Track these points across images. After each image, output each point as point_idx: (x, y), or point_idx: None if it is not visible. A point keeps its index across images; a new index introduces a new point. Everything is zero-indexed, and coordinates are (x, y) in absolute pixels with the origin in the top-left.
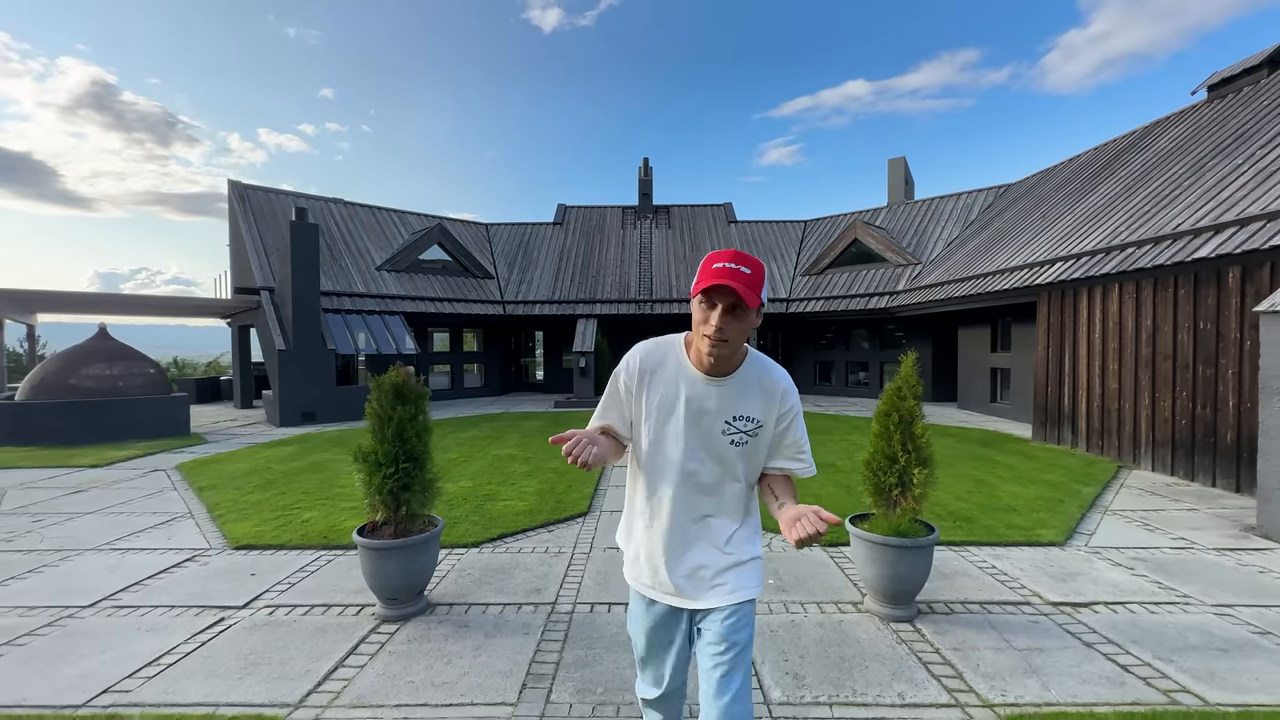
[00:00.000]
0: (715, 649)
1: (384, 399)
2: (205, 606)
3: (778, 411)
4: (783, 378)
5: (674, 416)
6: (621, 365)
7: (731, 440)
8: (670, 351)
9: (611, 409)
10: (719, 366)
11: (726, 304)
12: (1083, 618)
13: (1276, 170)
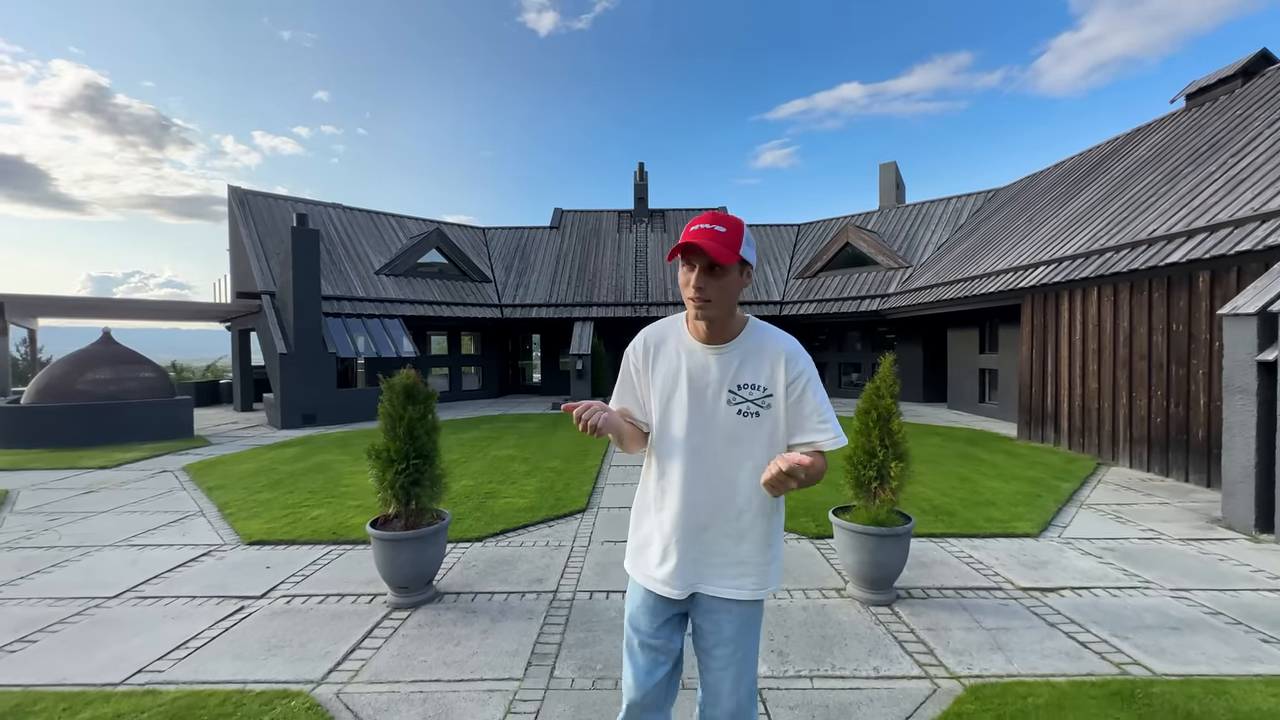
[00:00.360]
0: (724, 650)
1: (395, 400)
2: (225, 596)
3: (786, 377)
4: (787, 341)
5: (677, 389)
6: (630, 347)
7: (739, 411)
8: (672, 327)
9: (626, 392)
10: (714, 332)
11: (702, 263)
12: (1049, 601)
13: (1245, 178)
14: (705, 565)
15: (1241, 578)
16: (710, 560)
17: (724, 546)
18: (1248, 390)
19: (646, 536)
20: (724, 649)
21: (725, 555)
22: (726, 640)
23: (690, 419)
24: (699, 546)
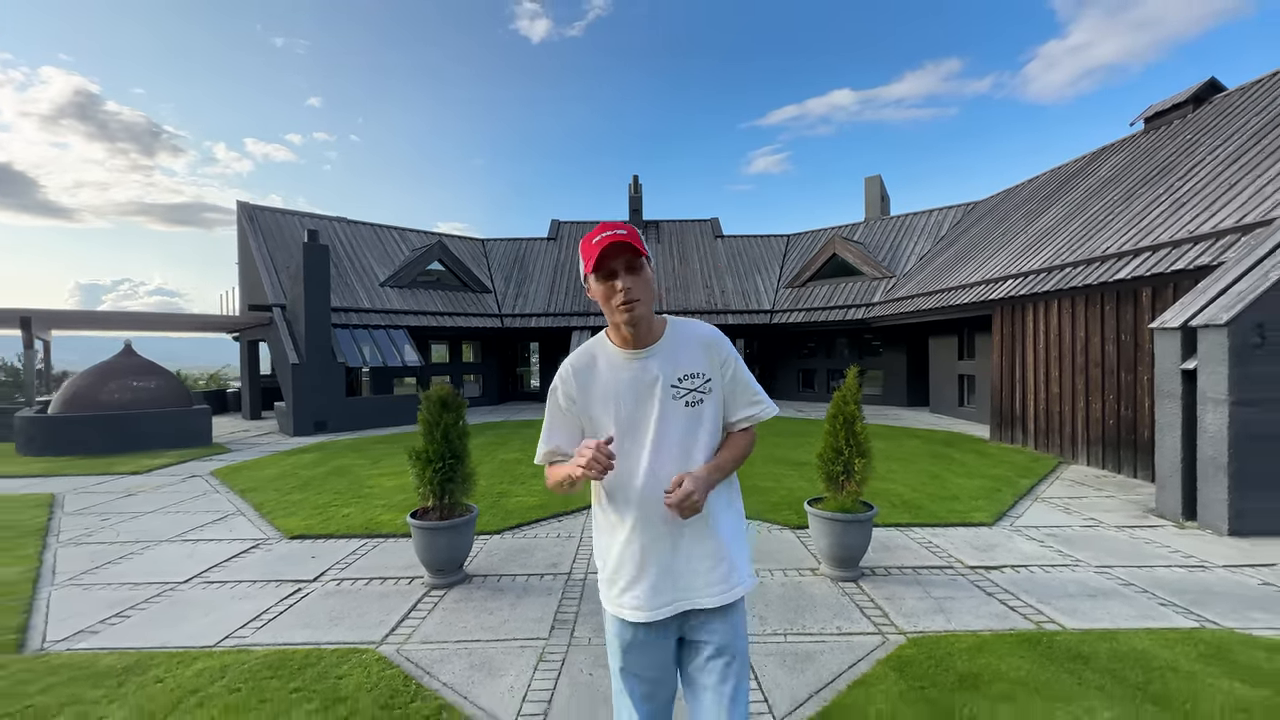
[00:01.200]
0: (718, 662)
1: (432, 408)
2: (282, 580)
3: (719, 358)
4: (708, 328)
5: (620, 401)
6: (555, 381)
7: (686, 402)
8: (594, 347)
9: (558, 427)
10: (642, 333)
11: (623, 264)
12: (991, 576)
13: (1186, 201)
14: (683, 575)
15: (1159, 557)
16: (688, 567)
17: (696, 547)
18: (1174, 395)
19: (616, 563)
20: (719, 660)
21: (699, 557)
22: (719, 650)
23: (640, 426)
24: (672, 553)
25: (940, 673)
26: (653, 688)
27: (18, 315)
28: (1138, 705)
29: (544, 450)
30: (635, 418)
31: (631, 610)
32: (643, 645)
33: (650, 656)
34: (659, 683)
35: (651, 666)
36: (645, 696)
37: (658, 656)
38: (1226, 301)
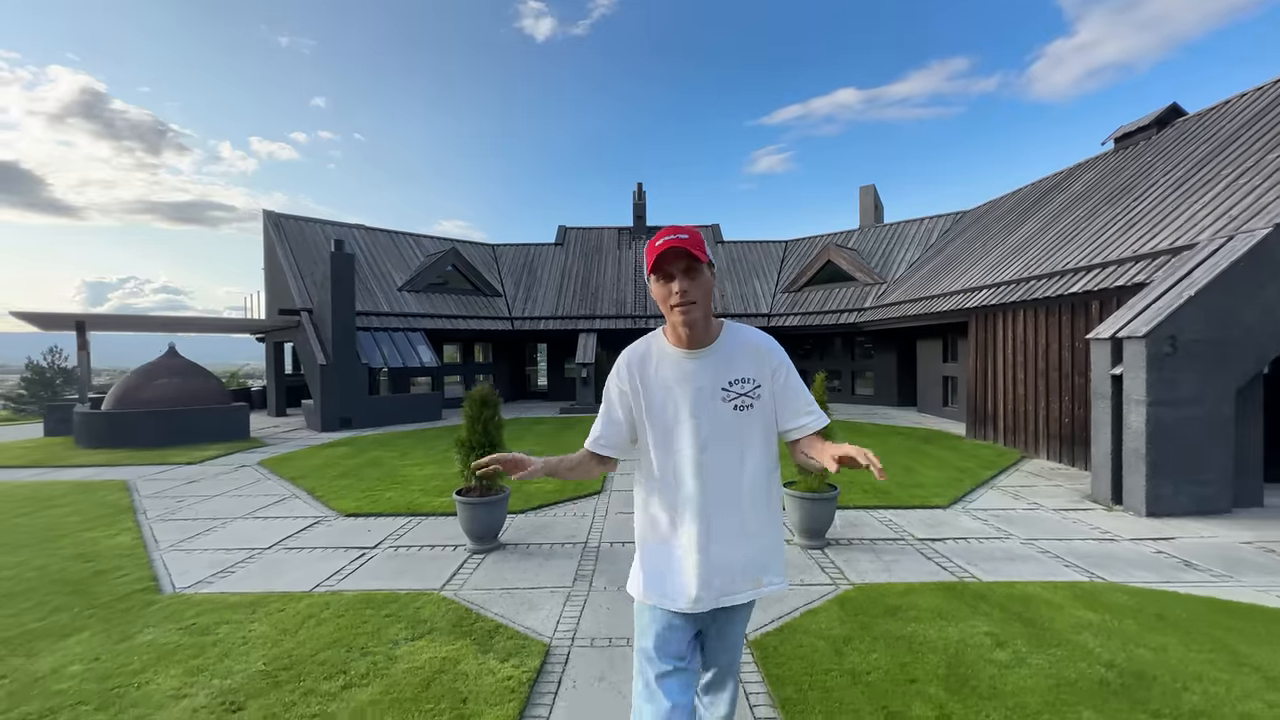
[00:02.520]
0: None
1: (474, 404)
2: (348, 547)
3: (770, 366)
4: (762, 335)
5: (671, 399)
6: (612, 374)
7: (735, 406)
8: (651, 343)
9: (611, 418)
10: (697, 336)
11: (680, 267)
12: (934, 546)
13: (1137, 222)
14: (723, 572)
15: (1080, 533)
16: (731, 564)
17: (739, 546)
18: (1106, 396)
19: (662, 557)
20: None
21: (743, 556)
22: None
23: (691, 424)
24: (720, 550)
25: (872, 605)
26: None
27: (73, 319)
28: (1009, 623)
29: (592, 436)
30: (685, 416)
31: (673, 601)
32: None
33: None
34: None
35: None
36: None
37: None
38: (1147, 316)
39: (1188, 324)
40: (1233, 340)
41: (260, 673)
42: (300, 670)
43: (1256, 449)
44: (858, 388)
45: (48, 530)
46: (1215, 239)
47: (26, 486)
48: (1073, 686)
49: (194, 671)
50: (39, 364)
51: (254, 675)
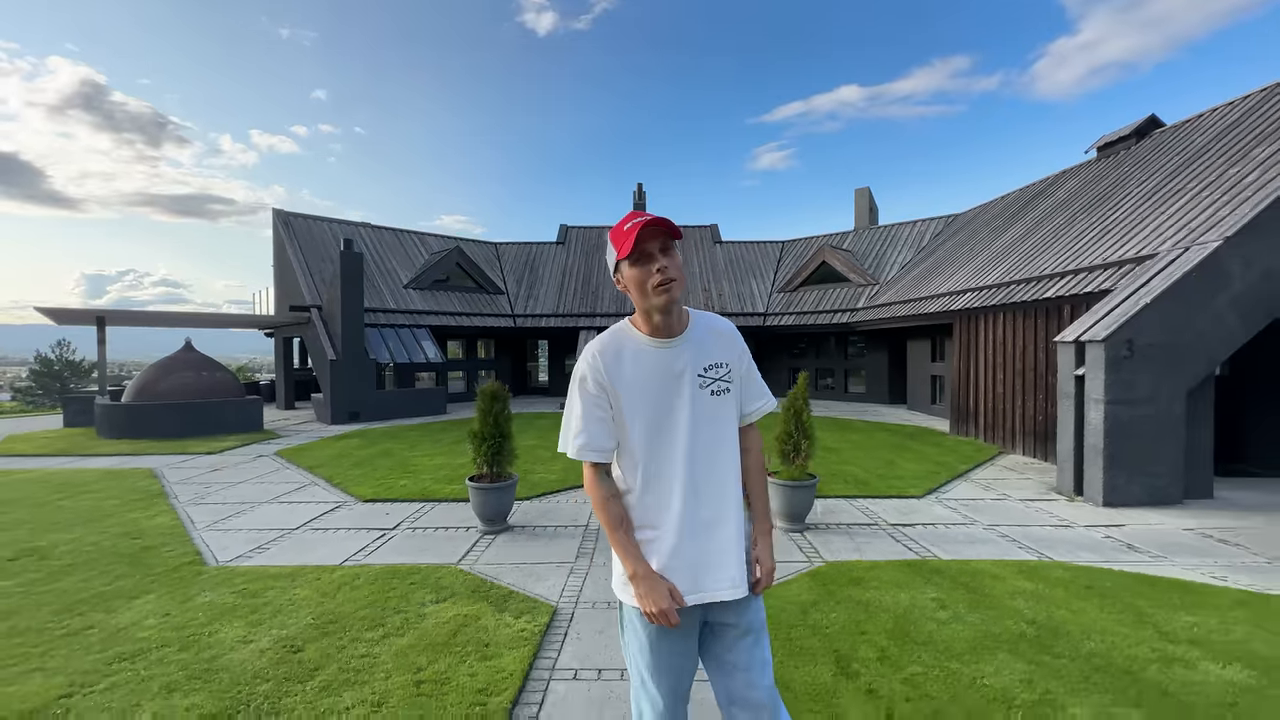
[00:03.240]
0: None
1: (485, 398)
2: (370, 528)
3: (737, 350)
4: (725, 321)
5: (652, 388)
6: (584, 369)
7: (712, 391)
8: (620, 336)
9: (592, 418)
10: (673, 323)
11: (659, 245)
12: (905, 530)
13: (1109, 230)
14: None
15: (1040, 520)
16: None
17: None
18: (1070, 396)
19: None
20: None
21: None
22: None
23: (677, 413)
24: (705, 540)
25: (840, 576)
26: (677, 678)
27: (94, 315)
28: (955, 591)
29: (579, 443)
30: (665, 408)
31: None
32: (669, 634)
33: (678, 644)
34: (684, 671)
35: (678, 654)
36: (671, 689)
37: (685, 644)
38: (1107, 322)
39: (1144, 329)
40: (1185, 344)
41: (310, 625)
42: (344, 624)
43: (1207, 445)
44: (850, 386)
45: (91, 511)
46: (1174, 250)
47: (60, 473)
48: (996, 637)
49: (253, 624)
50: (47, 356)
51: (305, 627)
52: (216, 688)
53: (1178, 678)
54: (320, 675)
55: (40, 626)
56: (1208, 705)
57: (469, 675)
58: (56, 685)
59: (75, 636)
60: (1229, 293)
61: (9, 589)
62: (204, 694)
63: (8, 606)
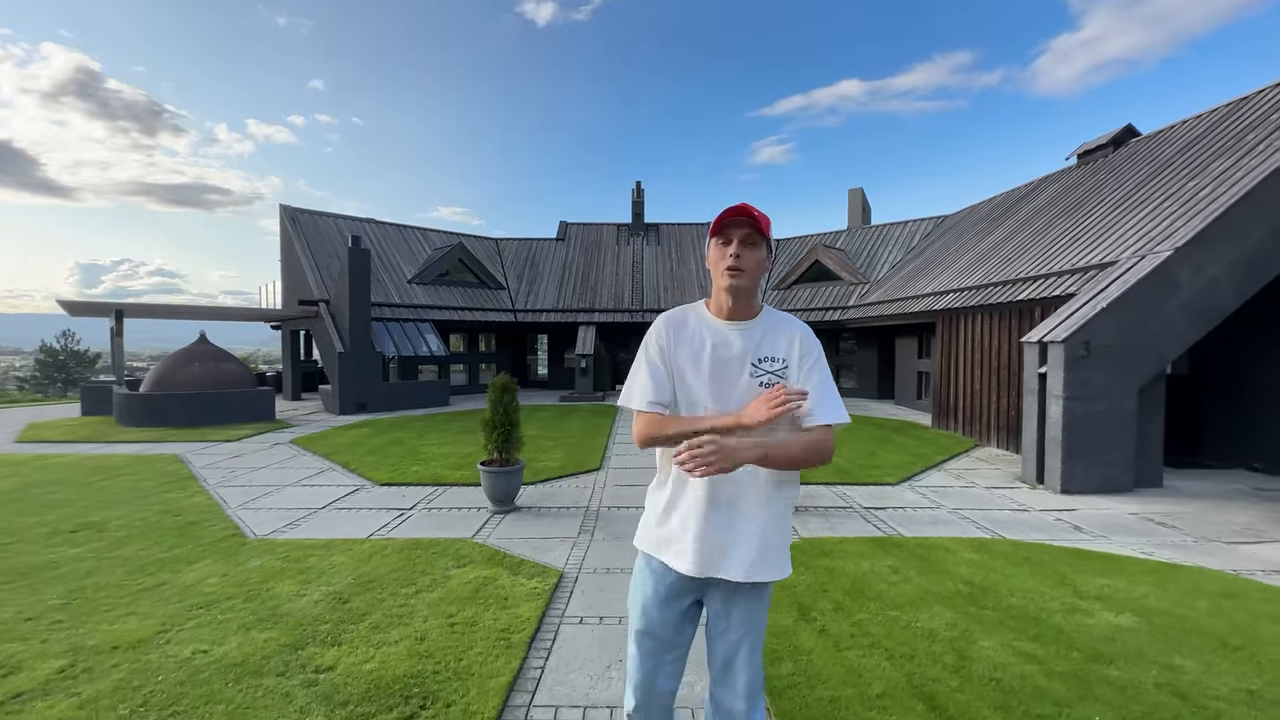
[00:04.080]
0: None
1: (496, 390)
2: (389, 508)
3: (800, 349)
4: (802, 325)
5: (701, 363)
6: (650, 335)
7: (761, 383)
8: (690, 311)
9: (659, 372)
10: (738, 307)
11: (741, 234)
12: (876, 513)
13: (1080, 237)
14: (727, 543)
15: (1001, 505)
16: (732, 538)
17: (745, 523)
18: (1034, 392)
19: (665, 511)
20: (736, 631)
21: (745, 532)
22: (738, 623)
23: (714, 389)
24: (722, 520)
25: (811, 550)
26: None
27: (113, 308)
28: (909, 560)
29: (641, 395)
30: (713, 382)
31: (674, 557)
32: (664, 603)
33: (668, 615)
34: (668, 647)
35: (667, 625)
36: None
37: (674, 618)
38: (1068, 324)
39: (1100, 331)
40: (1137, 345)
41: (352, 582)
42: (380, 582)
43: (1157, 437)
44: (842, 382)
45: (131, 492)
46: (1133, 258)
47: (92, 458)
48: (935, 594)
49: (303, 582)
50: (52, 346)
51: (348, 584)
52: (285, 627)
53: (1075, 622)
54: (369, 619)
55: (119, 583)
56: (1090, 639)
57: (493, 619)
58: (151, 625)
59: (152, 591)
60: (1178, 298)
61: (81, 554)
62: (276, 630)
63: (86, 568)
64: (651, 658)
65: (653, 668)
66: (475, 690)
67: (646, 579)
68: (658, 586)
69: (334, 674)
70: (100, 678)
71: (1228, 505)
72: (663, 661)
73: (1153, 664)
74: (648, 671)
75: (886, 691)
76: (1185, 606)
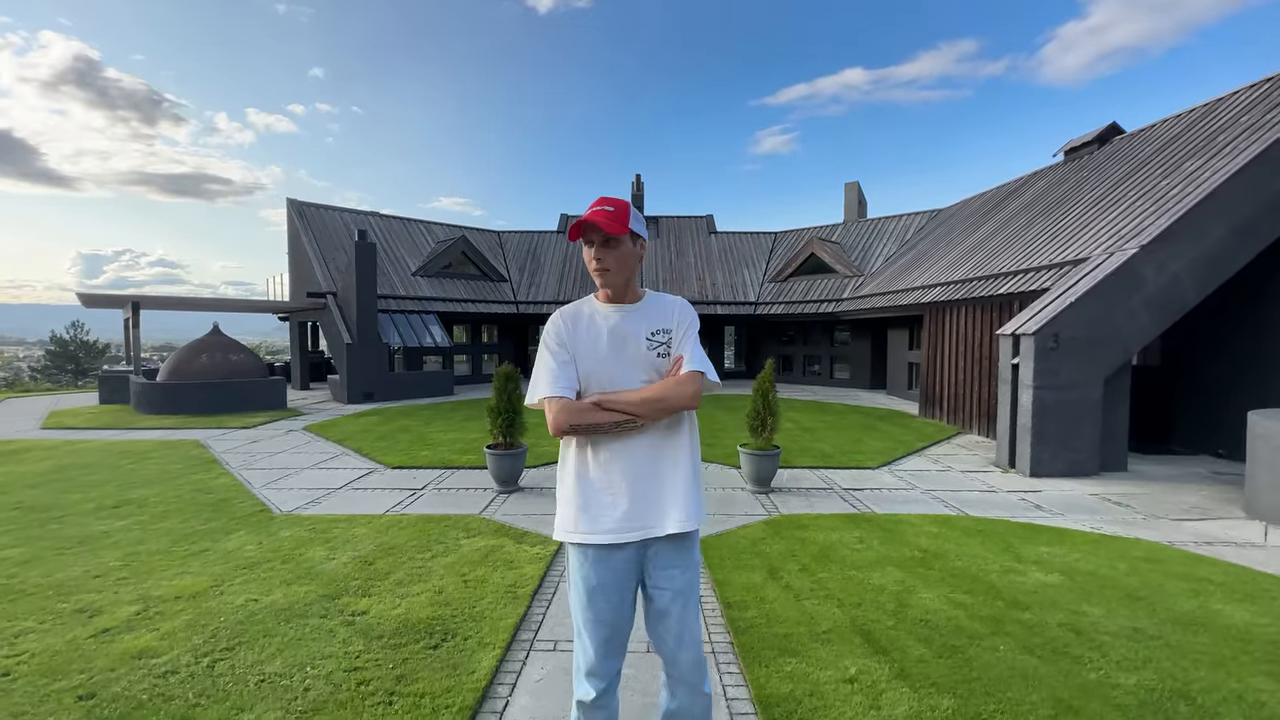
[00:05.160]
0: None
1: (500, 379)
2: (402, 489)
3: (676, 319)
4: (680, 300)
5: (602, 342)
6: (547, 331)
7: (658, 353)
8: (583, 304)
9: (562, 361)
10: (619, 294)
11: (599, 239)
12: (854, 493)
13: (1059, 234)
14: (655, 502)
15: (972, 487)
16: (659, 495)
17: (667, 477)
18: (1008, 381)
19: (588, 493)
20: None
21: (670, 487)
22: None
23: (619, 364)
24: (647, 482)
25: (789, 524)
26: (611, 629)
27: (129, 300)
28: (874, 532)
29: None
30: (614, 359)
31: (604, 534)
32: (606, 588)
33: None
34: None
35: (612, 605)
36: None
37: (618, 596)
38: (1039, 317)
39: (1069, 325)
40: (1103, 338)
41: (374, 549)
42: (399, 548)
43: (1122, 424)
44: (836, 372)
45: (160, 474)
46: (1103, 254)
47: (118, 443)
48: (891, 559)
49: (331, 549)
50: (62, 337)
51: (371, 550)
52: (321, 582)
53: (1008, 580)
54: (392, 576)
55: (167, 550)
56: (1015, 593)
57: (501, 578)
58: (204, 581)
59: (198, 555)
60: (1143, 294)
61: (128, 526)
62: (313, 585)
63: (135, 537)
64: (605, 645)
65: (606, 652)
66: (488, 628)
67: (588, 572)
68: (601, 572)
69: (368, 617)
70: (171, 618)
71: (1183, 487)
72: (614, 645)
73: (1063, 610)
74: (602, 657)
75: (832, 629)
76: (1108, 568)
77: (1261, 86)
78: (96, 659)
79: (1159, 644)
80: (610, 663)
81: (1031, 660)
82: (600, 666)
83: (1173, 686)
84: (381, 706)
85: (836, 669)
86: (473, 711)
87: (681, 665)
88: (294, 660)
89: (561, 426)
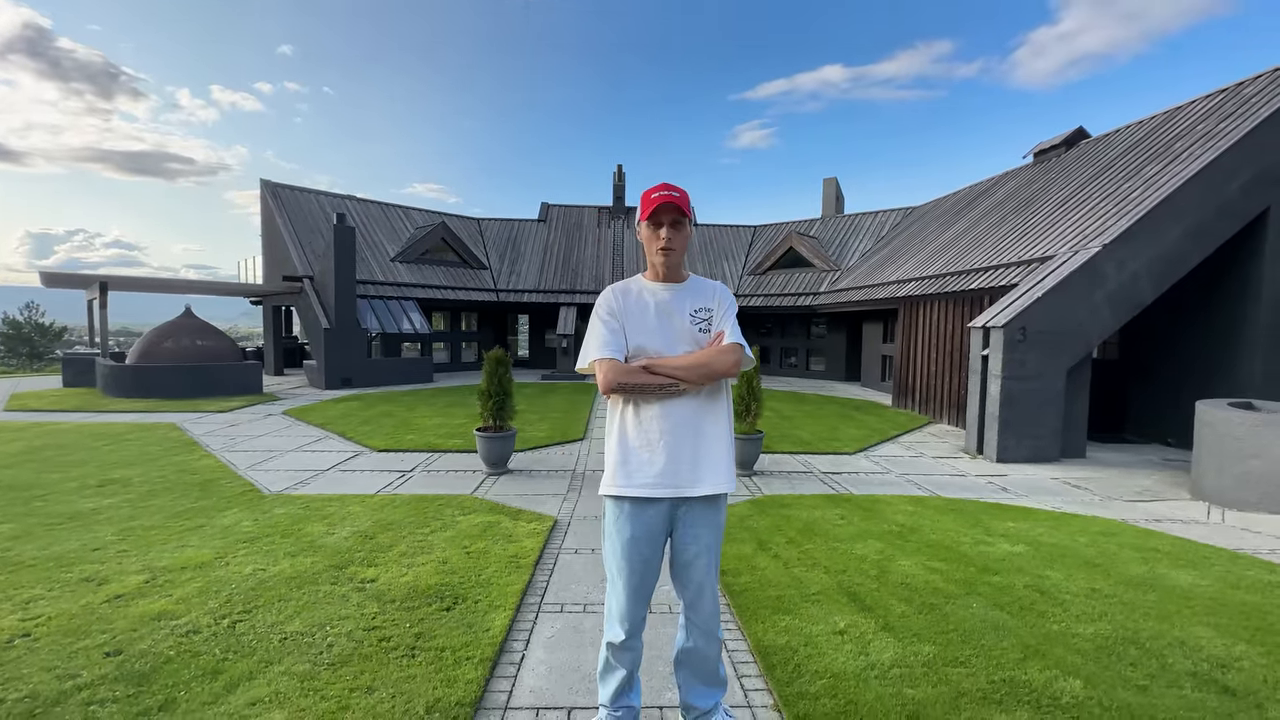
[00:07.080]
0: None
1: (491, 363)
2: (391, 470)
3: (718, 300)
4: (720, 285)
5: (649, 314)
6: (599, 303)
7: (700, 328)
8: (631, 281)
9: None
10: (671, 274)
11: (670, 219)
12: (832, 476)
13: (1028, 233)
14: (692, 463)
15: (943, 471)
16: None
17: (705, 441)
18: (978, 372)
19: (627, 450)
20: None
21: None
22: (705, 549)
23: (665, 336)
24: (685, 444)
25: (772, 503)
26: (641, 577)
27: (98, 280)
28: (854, 510)
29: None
30: (661, 332)
31: (639, 488)
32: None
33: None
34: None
35: (643, 556)
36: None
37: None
38: (1008, 311)
39: (1035, 318)
40: (1067, 331)
41: (372, 525)
42: (398, 525)
43: (1082, 413)
44: (812, 364)
45: (140, 455)
46: (1068, 253)
47: (90, 425)
48: (871, 532)
49: (329, 525)
50: (16, 319)
51: (369, 526)
52: (325, 554)
53: (977, 550)
54: (396, 549)
55: (163, 525)
56: (986, 560)
57: (502, 550)
58: (207, 553)
59: (196, 530)
60: (1104, 290)
61: (117, 504)
62: (318, 556)
63: (126, 514)
64: (635, 592)
65: (637, 599)
66: (496, 593)
67: (623, 524)
68: (635, 525)
69: (377, 584)
70: (181, 585)
71: (1137, 472)
72: (643, 593)
73: (1028, 574)
74: (633, 604)
75: (821, 591)
76: (1069, 540)
77: (1216, 97)
78: (116, 620)
79: (1113, 601)
80: (639, 609)
81: (1001, 615)
82: (631, 611)
83: (1124, 635)
84: (405, 659)
85: (827, 624)
86: (492, 663)
87: (702, 611)
88: (313, 621)
89: (611, 384)
